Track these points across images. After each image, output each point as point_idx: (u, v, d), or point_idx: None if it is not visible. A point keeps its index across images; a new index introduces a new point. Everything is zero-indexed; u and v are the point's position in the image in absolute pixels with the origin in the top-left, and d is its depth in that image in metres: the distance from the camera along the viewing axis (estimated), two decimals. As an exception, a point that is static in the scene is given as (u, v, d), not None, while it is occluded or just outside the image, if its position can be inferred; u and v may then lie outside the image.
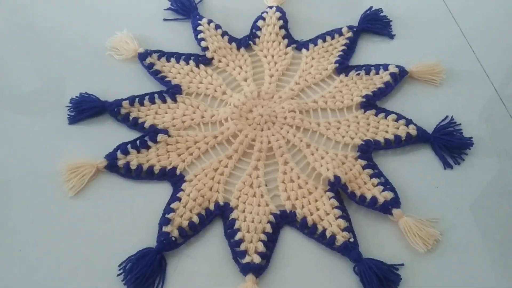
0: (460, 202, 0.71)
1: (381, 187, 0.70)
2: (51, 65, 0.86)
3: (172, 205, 0.68)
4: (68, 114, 0.78)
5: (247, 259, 0.64)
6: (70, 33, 0.90)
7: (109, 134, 0.77)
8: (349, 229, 0.67)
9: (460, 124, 0.78)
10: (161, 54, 0.85)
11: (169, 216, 0.67)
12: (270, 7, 0.92)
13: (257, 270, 0.63)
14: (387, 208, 0.68)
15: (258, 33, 0.89)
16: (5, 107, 0.80)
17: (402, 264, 0.65)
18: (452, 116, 0.79)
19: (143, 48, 0.85)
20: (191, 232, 0.67)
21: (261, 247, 0.65)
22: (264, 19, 0.90)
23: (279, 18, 0.90)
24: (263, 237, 0.66)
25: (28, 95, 0.82)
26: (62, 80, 0.84)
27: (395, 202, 0.68)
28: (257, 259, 0.64)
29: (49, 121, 0.78)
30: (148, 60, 0.84)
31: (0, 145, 0.75)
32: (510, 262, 0.66)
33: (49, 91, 0.82)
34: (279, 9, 0.91)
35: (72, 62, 0.86)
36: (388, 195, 0.69)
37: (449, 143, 0.75)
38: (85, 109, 0.78)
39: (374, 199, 0.68)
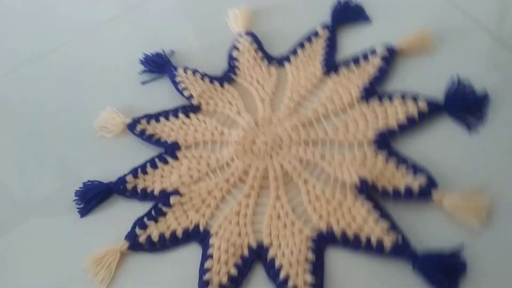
0: (499, 160, 0.65)
1: (412, 174, 0.65)
2: (48, 163, 0.85)
3: (206, 265, 0.64)
4: (77, 207, 0.76)
5: (299, 296, 0.59)
6: (57, 126, 0.89)
7: (123, 214, 0.73)
8: (394, 228, 0.61)
9: (469, 80, 0.73)
10: (149, 117, 0.83)
11: (206, 277, 0.63)
12: (240, 35, 0.89)
13: (313, 304, 0.58)
14: (425, 193, 0.62)
15: (236, 63, 0.86)
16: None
17: (462, 245, 0.59)
18: (457, 76, 0.73)
19: (130, 118, 0.83)
20: (233, 286, 0.63)
21: (309, 279, 0.60)
22: (237, 48, 0.88)
23: (252, 42, 0.87)
24: (309, 267, 0.61)
25: (32, 199, 0.81)
26: (62, 176, 0.83)
27: (431, 183, 0.63)
28: (309, 292, 0.59)
29: (62, 220, 0.76)
30: (139, 127, 0.82)
31: (25, 253, 0.74)
32: None
33: (54, 190, 0.81)
34: (249, 33, 0.89)
35: (69, 154, 0.85)
36: (422, 179, 0.63)
37: (465, 104, 0.70)
38: (92, 197, 0.75)
39: (408, 188, 0.63)
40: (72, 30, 1.07)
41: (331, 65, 0.81)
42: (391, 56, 0.78)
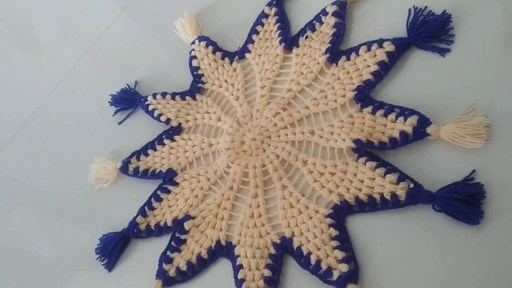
0: (482, 73, 0.64)
1: (401, 118, 0.64)
2: (64, 226, 0.87)
3: (239, 276, 0.64)
4: (102, 264, 0.77)
5: (336, 274, 0.59)
6: (59, 191, 0.91)
7: (146, 255, 0.75)
8: (403, 177, 0.61)
9: (425, 7, 0.71)
10: (137, 153, 0.83)
11: (244, 287, 0.63)
12: (193, 42, 0.88)
13: (352, 277, 0.58)
14: (420, 132, 0.61)
15: (199, 72, 0.85)
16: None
17: (474, 171, 0.58)
18: (413, 6, 0.71)
19: (120, 162, 0.83)
20: (272, 286, 0.63)
21: (340, 254, 0.60)
22: (195, 57, 0.87)
23: (207, 45, 0.86)
24: (335, 243, 0.61)
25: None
26: (81, 234, 0.84)
27: (424, 120, 0.62)
28: (344, 268, 0.59)
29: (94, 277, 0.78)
30: (131, 167, 0.82)
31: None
32: None
33: (81, 248, 0.83)
34: (201, 38, 0.88)
35: (77, 213, 0.87)
36: (413, 119, 0.62)
37: (429, 31, 0.68)
38: (112, 249, 0.76)
39: (403, 133, 0.62)
40: (38, 95, 1.07)
41: (289, 40, 0.79)
42: (343, 9, 0.76)
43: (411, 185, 0.60)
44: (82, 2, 1.16)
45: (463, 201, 0.56)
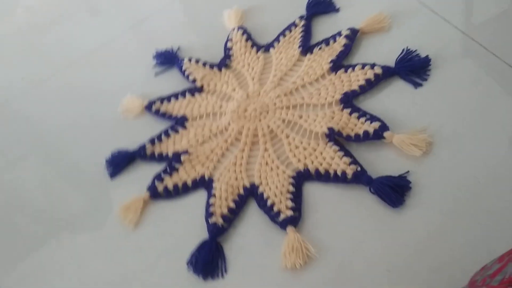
0: (439, 107, 0.82)
1: (369, 122, 0.82)
2: (84, 145, 1.04)
3: (210, 201, 0.82)
4: (108, 171, 0.94)
5: (282, 216, 0.76)
6: (90, 118, 1.08)
7: (144, 173, 0.92)
8: (354, 162, 0.78)
9: (416, 50, 0.90)
10: (162, 99, 1.02)
11: (211, 210, 0.81)
12: (233, 29, 1.08)
13: (293, 221, 0.76)
14: (378, 134, 0.79)
15: (230, 52, 1.05)
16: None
17: (408, 171, 0.76)
18: (406, 47, 0.91)
19: (147, 100, 1.02)
20: (232, 216, 0.80)
21: (290, 204, 0.77)
22: (231, 40, 1.07)
23: (243, 34, 1.06)
24: (289, 196, 0.79)
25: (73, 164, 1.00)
26: (93, 153, 1.01)
27: (384, 127, 0.80)
28: (290, 213, 0.76)
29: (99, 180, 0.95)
30: (154, 107, 1.01)
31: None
32: (496, 135, 0.76)
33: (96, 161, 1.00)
34: (240, 27, 1.08)
35: (98, 136, 1.04)
36: (376, 124, 0.81)
37: (411, 67, 0.87)
38: (119, 162, 0.94)
39: (366, 132, 0.80)
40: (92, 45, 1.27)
41: (307, 47, 0.99)
42: (354, 35, 0.96)
43: (358, 169, 0.77)
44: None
45: (393, 189, 0.73)
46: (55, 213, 0.94)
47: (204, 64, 1.04)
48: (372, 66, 0.90)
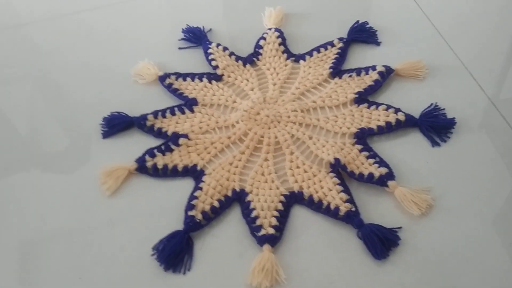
0: (449, 173, 0.80)
1: (376, 165, 0.79)
2: (86, 92, 1.01)
3: (195, 194, 0.78)
4: (102, 130, 0.91)
5: (262, 232, 0.73)
6: (99, 67, 1.05)
7: (137, 144, 0.88)
8: (351, 201, 0.76)
9: (444, 108, 0.88)
10: (178, 75, 0.98)
11: (193, 202, 0.77)
12: (270, 29, 1.05)
13: (272, 240, 0.72)
14: (383, 181, 0.77)
15: (260, 51, 1.02)
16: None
17: (400, 227, 0.73)
18: (436, 103, 0.89)
19: (163, 72, 0.99)
20: (213, 215, 0.77)
21: (274, 222, 0.74)
22: (265, 38, 1.04)
23: (278, 37, 1.03)
24: (276, 213, 0.76)
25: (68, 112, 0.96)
26: (93, 105, 0.98)
27: (390, 175, 0.78)
28: (271, 231, 0.73)
29: (90, 138, 0.91)
30: (167, 81, 0.97)
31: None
32: (497, 220, 0.74)
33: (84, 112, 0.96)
34: (277, 29, 1.05)
35: (103, 88, 1.00)
36: (383, 170, 0.78)
37: (434, 124, 0.84)
38: (116, 124, 0.91)
39: (371, 174, 0.78)
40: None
41: (337, 71, 0.96)
42: (387, 74, 0.94)
43: (353, 209, 0.75)
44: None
45: (381, 240, 0.71)
46: (32, 146, 0.91)
47: (231, 55, 1.01)
48: (397, 111, 0.87)
